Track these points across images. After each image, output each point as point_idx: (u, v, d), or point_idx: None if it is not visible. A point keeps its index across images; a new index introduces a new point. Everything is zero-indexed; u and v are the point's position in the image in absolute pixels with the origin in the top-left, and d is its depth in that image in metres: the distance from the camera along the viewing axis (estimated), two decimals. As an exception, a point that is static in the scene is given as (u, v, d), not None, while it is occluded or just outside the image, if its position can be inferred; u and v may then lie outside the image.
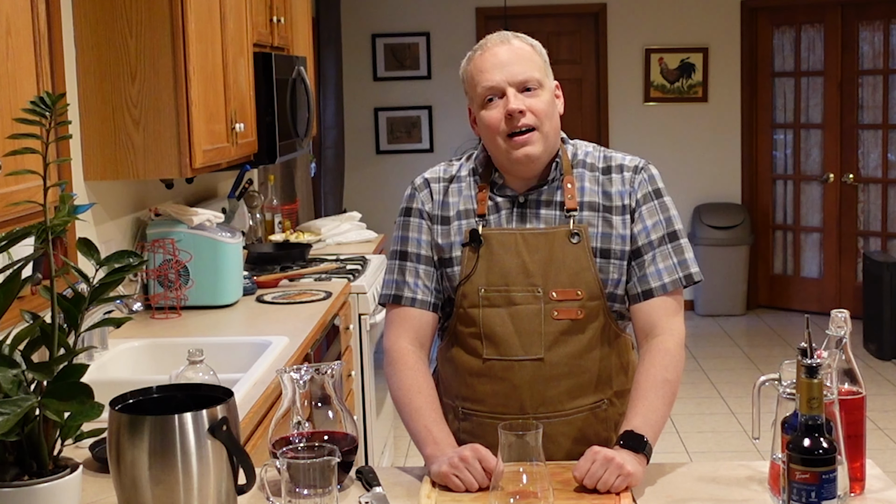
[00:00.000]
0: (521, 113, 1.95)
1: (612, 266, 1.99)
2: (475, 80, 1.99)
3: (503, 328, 1.98)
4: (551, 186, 2.02)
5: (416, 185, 2.10)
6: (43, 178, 1.53)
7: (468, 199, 2.05)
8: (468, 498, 1.76)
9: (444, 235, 2.04)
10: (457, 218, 2.04)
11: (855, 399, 1.72)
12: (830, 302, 7.04)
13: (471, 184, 2.06)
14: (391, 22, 7.49)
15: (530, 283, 1.98)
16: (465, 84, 2.05)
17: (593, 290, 1.98)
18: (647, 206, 2.02)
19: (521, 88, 1.96)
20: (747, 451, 4.78)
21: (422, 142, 7.58)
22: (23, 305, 2.09)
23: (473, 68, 2.00)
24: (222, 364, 2.43)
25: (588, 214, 2.00)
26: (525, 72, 1.97)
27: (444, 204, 2.06)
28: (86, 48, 2.93)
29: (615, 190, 2.02)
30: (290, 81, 4.07)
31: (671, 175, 7.44)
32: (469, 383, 2.04)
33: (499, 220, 2.02)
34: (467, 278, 2.00)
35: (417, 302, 2.04)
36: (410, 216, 2.08)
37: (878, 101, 7.07)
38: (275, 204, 4.92)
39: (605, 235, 2.00)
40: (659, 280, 1.99)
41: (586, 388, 2.02)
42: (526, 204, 2.02)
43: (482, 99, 1.98)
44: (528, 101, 1.96)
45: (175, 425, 1.52)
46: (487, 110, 1.98)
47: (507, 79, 1.96)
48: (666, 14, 7.48)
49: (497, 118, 1.96)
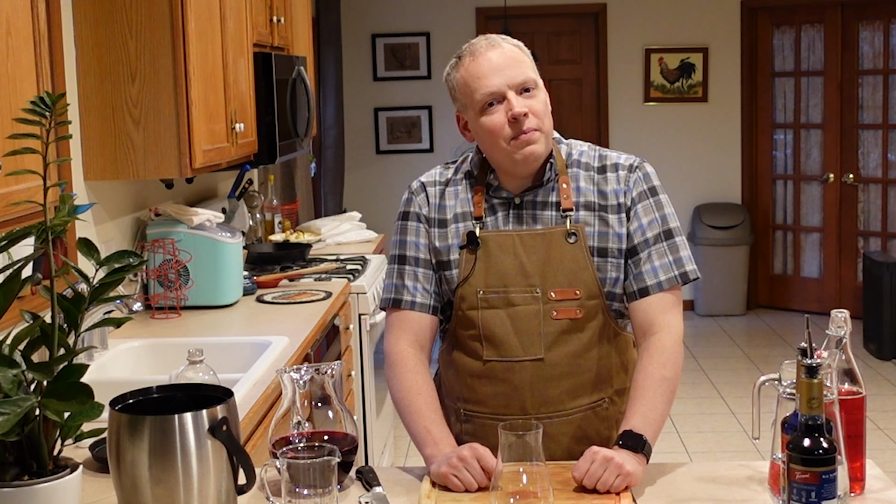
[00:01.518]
0: (525, 115, 1.95)
1: (610, 265, 2.00)
2: (471, 86, 1.98)
3: (502, 329, 1.99)
4: (546, 187, 2.03)
5: (412, 189, 2.10)
6: (43, 178, 1.53)
7: (464, 201, 2.05)
8: (468, 498, 1.76)
9: (441, 238, 2.05)
10: (454, 221, 2.04)
11: (855, 399, 1.72)
12: (830, 302, 7.04)
13: (466, 186, 2.07)
14: (391, 22, 7.49)
15: (528, 283, 1.98)
16: (455, 91, 2.04)
17: (591, 289, 1.98)
18: (643, 204, 2.02)
19: (520, 90, 1.96)
20: (747, 451, 4.78)
21: (422, 142, 7.58)
22: (23, 305, 2.09)
23: (467, 74, 1.99)
24: (222, 364, 2.43)
25: (584, 214, 2.01)
26: (522, 73, 1.97)
27: (440, 207, 2.06)
28: (86, 48, 2.93)
29: (610, 189, 2.02)
30: (290, 81, 4.07)
31: (671, 175, 7.48)
32: (470, 385, 2.04)
33: (495, 222, 2.03)
34: (465, 280, 2.00)
35: (416, 305, 2.04)
36: (408, 220, 2.08)
37: (878, 101, 7.07)
38: (275, 204, 4.92)
39: (601, 234, 2.00)
40: (655, 278, 1.99)
41: (587, 387, 2.02)
42: (522, 205, 2.03)
43: (481, 105, 1.97)
44: (528, 103, 1.96)
45: (175, 425, 1.52)
46: (488, 116, 1.97)
47: (506, 82, 1.95)
48: (666, 14, 7.48)
49: (500, 122, 1.96)
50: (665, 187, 2.08)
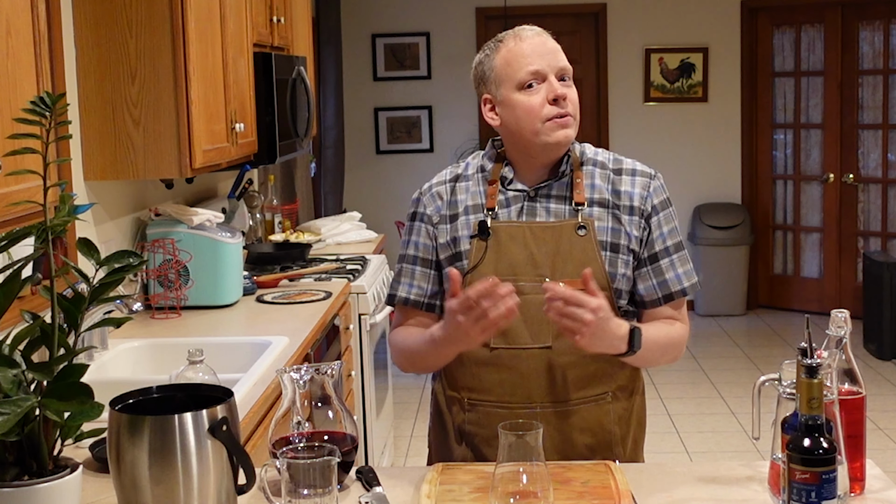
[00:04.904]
0: (565, 99, 2.01)
1: (621, 261, 2.03)
2: (514, 64, 2.02)
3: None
4: (561, 181, 2.06)
5: (422, 191, 2.16)
6: (43, 178, 1.53)
7: (476, 194, 2.09)
8: (468, 498, 1.76)
9: (452, 231, 2.08)
10: (465, 213, 2.08)
11: (855, 399, 1.72)
12: (830, 302, 7.04)
13: (479, 180, 2.10)
14: (391, 22, 7.49)
15: (538, 273, 2.00)
16: (492, 72, 2.06)
17: (601, 281, 2.00)
18: (665, 213, 2.07)
19: (560, 77, 2.02)
20: (747, 451, 4.78)
21: (422, 142, 7.58)
22: (23, 305, 2.09)
23: (510, 55, 2.03)
24: (222, 364, 2.43)
25: (598, 210, 2.04)
26: (564, 61, 2.04)
27: (451, 203, 2.10)
28: (86, 48, 2.93)
29: (624, 189, 2.06)
30: (290, 81, 4.07)
31: (671, 175, 7.43)
32: (475, 373, 2.06)
33: (508, 213, 2.06)
34: (475, 268, 2.02)
35: (410, 302, 2.11)
36: (414, 220, 2.14)
37: (878, 101, 7.07)
38: (275, 204, 4.92)
39: (614, 230, 2.03)
40: (680, 284, 2.06)
41: (591, 378, 2.04)
42: (536, 198, 2.06)
43: (522, 84, 2.01)
44: (566, 90, 2.02)
45: (175, 425, 1.52)
46: (527, 94, 2.01)
47: (550, 65, 2.01)
48: (666, 14, 7.48)
49: (539, 102, 2.00)
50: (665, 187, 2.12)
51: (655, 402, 5.54)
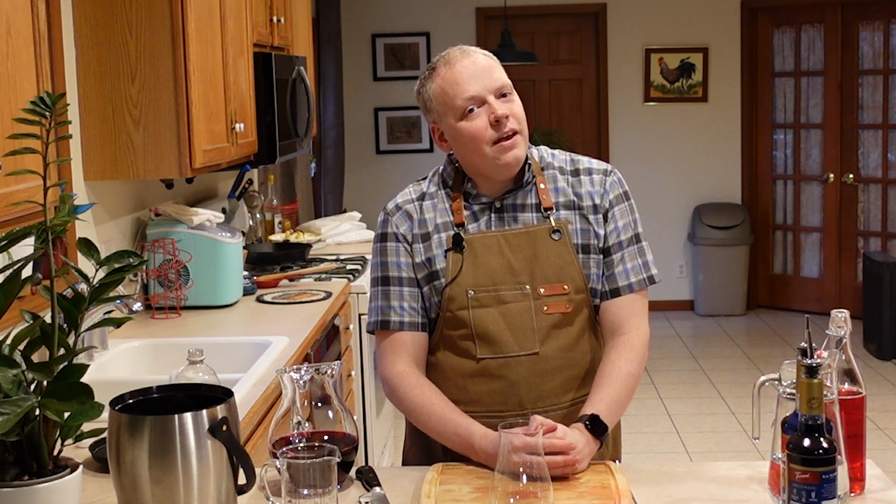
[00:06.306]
0: (507, 118, 1.98)
1: (592, 261, 2.05)
2: (450, 93, 1.99)
3: (496, 326, 2.00)
4: (525, 189, 2.06)
5: (388, 211, 2.10)
6: (43, 178, 1.53)
7: (443, 211, 2.07)
8: (468, 498, 1.76)
9: (426, 251, 2.05)
10: (436, 231, 2.06)
11: (855, 399, 1.72)
12: (830, 302, 7.04)
13: (442, 197, 2.09)
14: (391, 22, 7.49)
15: (517, 281, 2.01)
16: (430, 102, 2.04)
17: (578, 284, 2.02)
18: (620, 208, 2.07)
19: (499, 95, 2.00)
20: (747, 451, 4.78)
21: (422, 142, 7.59)
22: (23, 305, 2.09)
23: (444, 83, 2.00)
24: (222, 364, 2.43)
25: (566, 213, 2.05)
26: (499, 79, 2.01)
27: (421, 222, 2.07)
28: (86, 48, 2.93)
29: (585, 190, 2.07)
30: (290, 81, 4.07)
31: (671, 175, 7.50)
32: (462, 385, 2.04)
33: (478, 227, 2.05)
34: (453, 280, 2.01)
35: (406, 325, 2.05)
36: (387, 241, 2.08)
37: (878, 101, 7.07)
38: (275, 204, 4.92)
39: (584, 232, 2.05)
40: (626, 279, 2.05)
41: (578, 380, 2.05)
42: (503, 208, 2.06)
43: (462, 111, 1.99)
44: (508, 106, 2.00)
45: (175, 425, 1.52)
46: (469, 121, 1.99)
47: (486, 87, 1.98)
48: (666, 14, 7.48)
49: (482, 126, 1.98)
50: (665, 187, 2.13)
51: (655, 402, 5.54)
